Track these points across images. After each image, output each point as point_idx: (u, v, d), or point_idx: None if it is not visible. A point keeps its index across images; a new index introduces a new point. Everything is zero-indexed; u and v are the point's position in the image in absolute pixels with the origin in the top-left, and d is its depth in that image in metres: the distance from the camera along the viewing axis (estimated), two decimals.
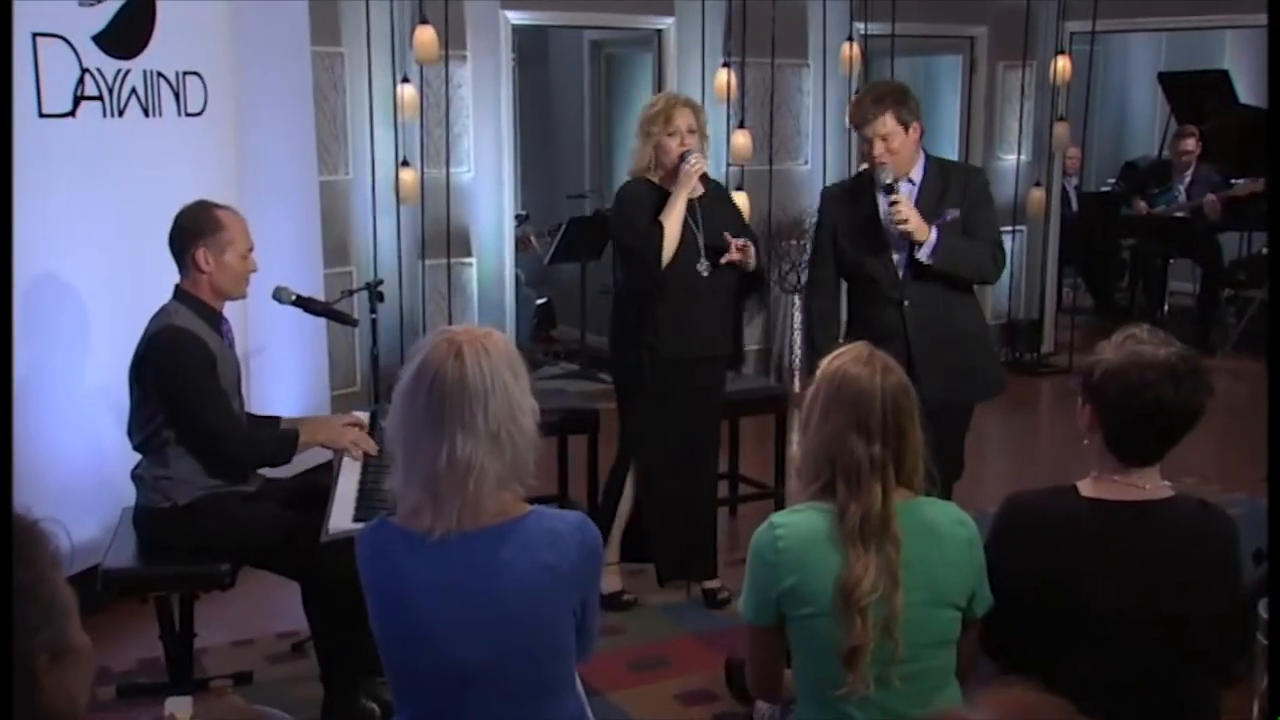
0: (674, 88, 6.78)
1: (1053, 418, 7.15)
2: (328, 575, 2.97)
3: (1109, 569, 2.13)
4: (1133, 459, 2.18)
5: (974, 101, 7.76)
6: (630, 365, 4.02)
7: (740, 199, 5.92)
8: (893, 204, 3.56)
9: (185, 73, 4.20)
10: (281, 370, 4.97)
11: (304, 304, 3.64)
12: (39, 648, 1.21)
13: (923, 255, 3.61)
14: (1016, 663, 2.18)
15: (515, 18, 6.46)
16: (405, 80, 5.94)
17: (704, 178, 3.97)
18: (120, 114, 3.97)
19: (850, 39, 6.95)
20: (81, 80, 3.83)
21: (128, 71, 3.98)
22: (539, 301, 8.43)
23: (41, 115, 3.71)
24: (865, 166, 3.82)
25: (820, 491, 2.15)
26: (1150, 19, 7.94)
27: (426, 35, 5.82)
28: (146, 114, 4.07)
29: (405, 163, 6.04)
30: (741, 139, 6.67)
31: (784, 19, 6.89)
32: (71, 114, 3.81)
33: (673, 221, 3.85)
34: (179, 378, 3.13)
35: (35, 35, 3.65)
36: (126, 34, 3.98)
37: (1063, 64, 7.40)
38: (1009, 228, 7.85)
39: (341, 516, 2.92)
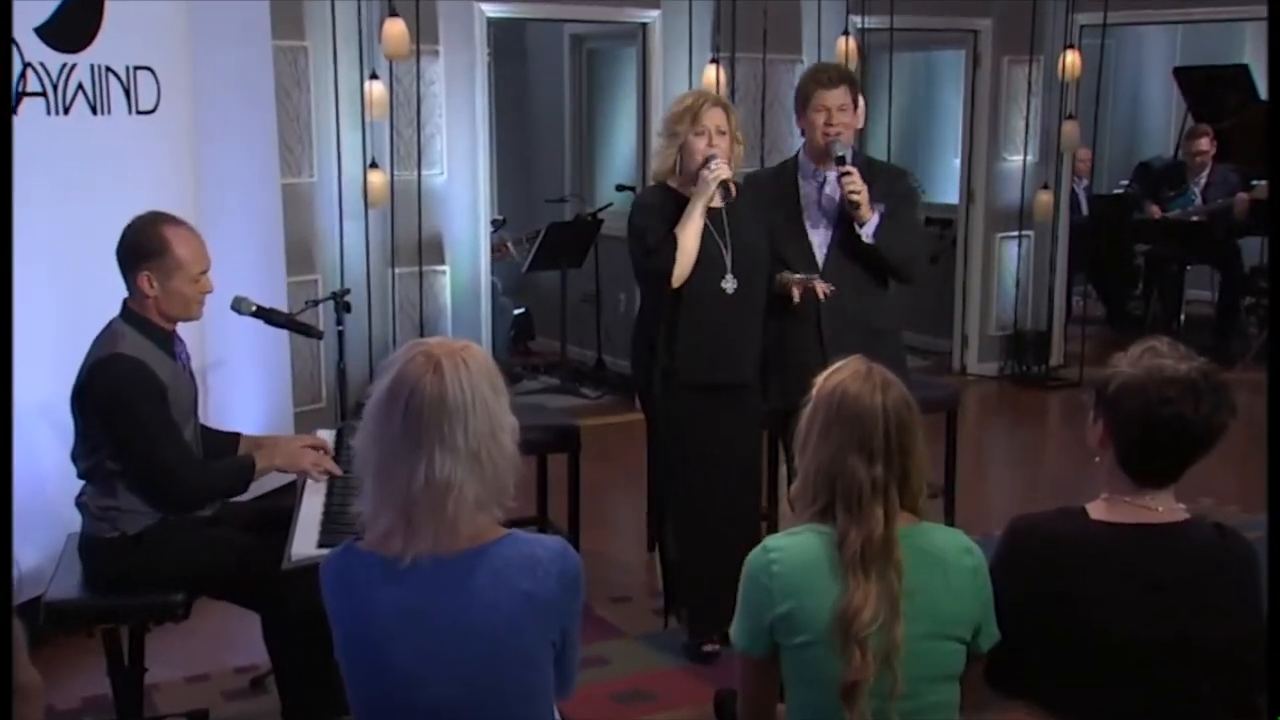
0: (660, 84, 6.82)
1: (1061, 434, 7.17)
2: (290, 605, 2.96)
3: (1119, 596, 2.13)
4: (1146, 479, 2.18)
5: (978, 99, 7.79)
6: (647, 390, 3.90)
7: None
8: (845, 174, 3.75)
9: (136, 67, 4.18)
10: (241, 386, 4.95)
11: (265, 315, 3.63)
12: None
13: (866, 232, 3.81)
14: (1022, 693, 2.18)
15: (491, 10, 6.46)
16: (374, 76, 5.94)
17: (738, 185, 3.84)
18: (66, 111, 3.96)
19: (846, 33, 6.97)
20: (23, 75, 3.82)
21: (74, 66, 3.97)
22: (516, 312, 8.43)
23: None
24: (795, 154, 4.07)
25: (818, 515, 2.16)
26: (1165, 11, 7.99)
27: (396, 28, 5.82)
28: (95, 112, 4.05)
29: (374, 164, 6.03)
30: None
31: (776, 12, 6.91)
32: (13, 111, 3.79)
33: (689, 234, 3.70)
34: (126, 415, 3.04)
35: None
36: (72, 26, 3.97)
37: (1072, 59, 7.44)
38: (1015, 233, 7.90)
39: (305, 542, 2.89)
